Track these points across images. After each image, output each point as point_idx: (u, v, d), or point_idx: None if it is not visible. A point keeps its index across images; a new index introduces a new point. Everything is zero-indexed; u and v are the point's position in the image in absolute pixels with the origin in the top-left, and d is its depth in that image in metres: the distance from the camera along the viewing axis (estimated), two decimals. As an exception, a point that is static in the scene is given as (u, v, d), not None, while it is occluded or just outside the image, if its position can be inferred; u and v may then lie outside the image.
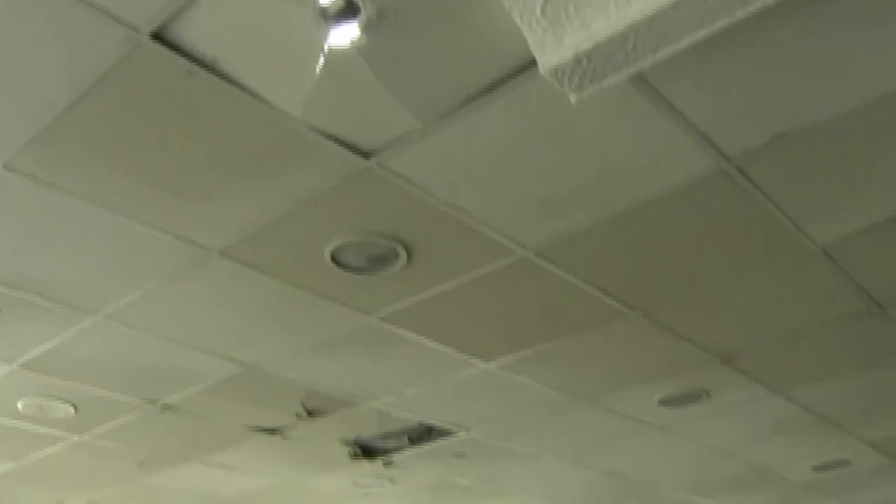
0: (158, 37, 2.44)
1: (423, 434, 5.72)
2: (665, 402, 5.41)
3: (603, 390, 5.21)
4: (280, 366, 4.62)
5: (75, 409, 5.09)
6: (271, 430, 5.58)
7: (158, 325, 4.14)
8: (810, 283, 4.07)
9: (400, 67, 2.60)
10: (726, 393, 5.34)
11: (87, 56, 2.49)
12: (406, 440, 5.80)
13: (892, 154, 3.14)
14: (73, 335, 4.18)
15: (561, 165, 3.06)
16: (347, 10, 2.36)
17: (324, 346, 4.40)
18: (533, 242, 3.54)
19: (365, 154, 2.95)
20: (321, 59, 2.54)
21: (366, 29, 2.43)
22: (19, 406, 5.02)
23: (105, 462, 6.13)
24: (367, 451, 5.97)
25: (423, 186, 3.15)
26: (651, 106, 2.80)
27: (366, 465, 6.25)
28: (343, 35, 2.45)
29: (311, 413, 5.25)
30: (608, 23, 2.14)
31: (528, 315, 4.19)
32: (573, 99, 2.36)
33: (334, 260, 3.57)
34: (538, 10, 2.15)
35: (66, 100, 2.66)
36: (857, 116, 2.91)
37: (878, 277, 4.05)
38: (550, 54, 2.22)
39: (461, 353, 4.55)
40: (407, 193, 3.18)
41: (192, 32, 2.43)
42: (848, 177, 3.27)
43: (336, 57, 2.54)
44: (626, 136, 2.94)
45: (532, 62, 2.44)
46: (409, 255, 3.55)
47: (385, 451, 6.01)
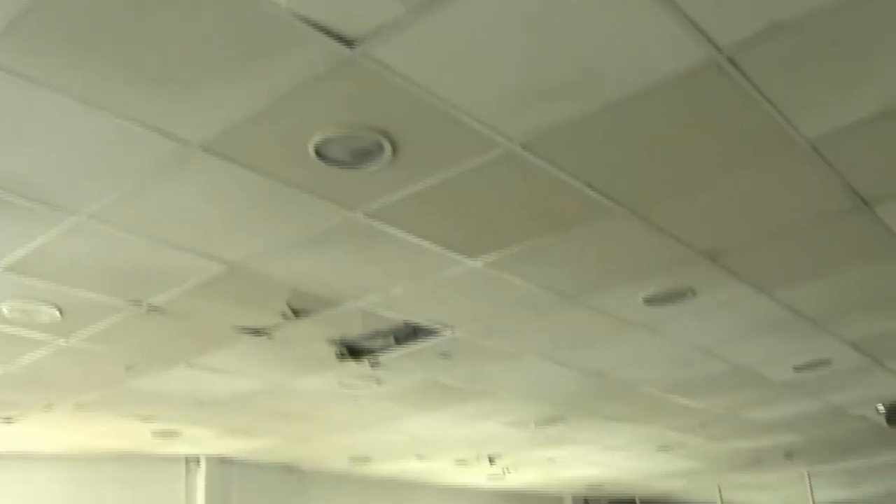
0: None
1: (409, 334, 5.75)
2: (650, 300, 5.44)
3: (589, 288, 5.23)
4: (265, 264, 4.60)
5: (60, 312, 5.08)
6: (257, 331, 5.59)
7: (142, 224, 4.10)
8: (798, 180, 4.06)
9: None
10: (712, 291, 5.38)
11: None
12: (392, 340, 5.83)
13: (886, 47, 3.10)
14: (55, 236, 4.14)
15: (548, 54, 3.00)
16: None
17: (309, 243, 4.38)
18: (519, 134, 3.49)
19: (348, 42, 2.88)
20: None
21: None
22: (4, 310, 5.01)
23: (92, 366, 6.16)
24: (353, 351, 6.01)
25: (407, 76, 3.08)
26: (640, -9, 2.73)
27: (352, 365, 6.30)
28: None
29: (297, 313, 5.25)
30: None
31: (514, 211, 4.17)
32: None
33: (318, 154, 3.51)
34: None
35: (39, -14, 2.57)
36: (852, 6, 2.85)
37: (865, 174, 4.05)
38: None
39: (446, 249, 4.53)
40: (391, 84, 3.11)
41: None
42: (841, 70, 3.22)
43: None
44: (614, 23, 2.87)
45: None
46: (394, 149, 3.50)
47: (371, 352, 6.05)
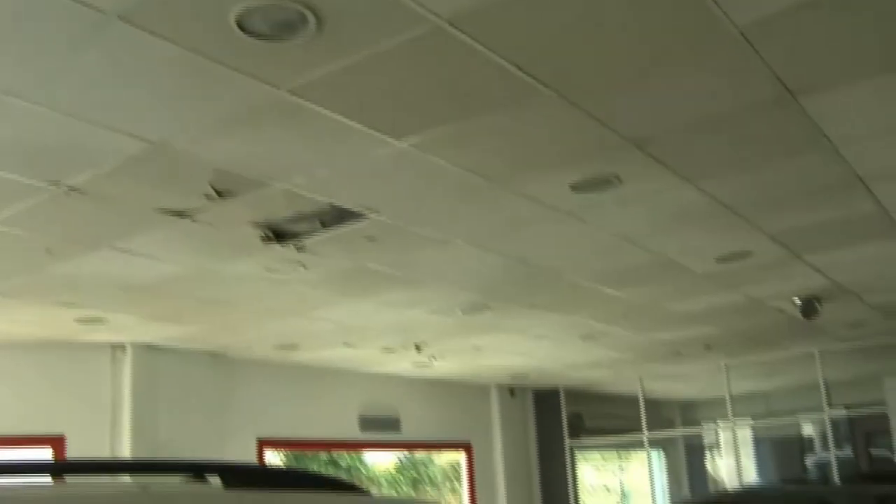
0: None
1: (334, 217, 5.70)
2: (576, 186, 5.45)
3: (516, 173, 5.22)
4: (186, 143, 4.49)
5: (-25, 193, 4.94)
6: (180, 213, 5.50)
7: (59, 99, 3.96)
8: (727, 69, 4.08)
9: None
10: (637, 179, 5.42)
11: None
12: (318, 223, 5.78)
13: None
14: (-34, 112, 3.99)
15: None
16: None
17: (232, 121, 4.28)
18: (446, 10, 3.41)
19: None
20: None
21: None
22: (-86, 188, 4.85)
23: (11, 251, 6.05)
24: (278, 234, 5.95)
25: (332, -57, 2.99)
26: None
27: (277, 249, 6.24)
28: None
29: (220, 194, 5.16)
30: None
31: (442, 91, 4.12)
32: None
33: (240, 26, 3.40)
34: None
35: None
36: None
37: (793, 63, 4.08)
38: None
39: (372, 129, 4.46)
40: (315, -49, 3.02)
41: None
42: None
43: None
44: None
45: None
46: (319, 21, 3.39)
47: (296, 235, 6.00)
